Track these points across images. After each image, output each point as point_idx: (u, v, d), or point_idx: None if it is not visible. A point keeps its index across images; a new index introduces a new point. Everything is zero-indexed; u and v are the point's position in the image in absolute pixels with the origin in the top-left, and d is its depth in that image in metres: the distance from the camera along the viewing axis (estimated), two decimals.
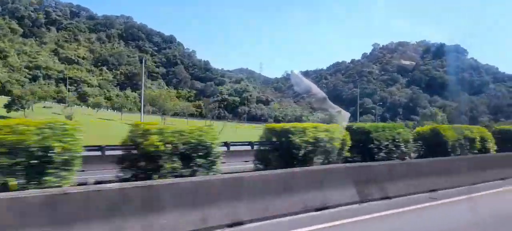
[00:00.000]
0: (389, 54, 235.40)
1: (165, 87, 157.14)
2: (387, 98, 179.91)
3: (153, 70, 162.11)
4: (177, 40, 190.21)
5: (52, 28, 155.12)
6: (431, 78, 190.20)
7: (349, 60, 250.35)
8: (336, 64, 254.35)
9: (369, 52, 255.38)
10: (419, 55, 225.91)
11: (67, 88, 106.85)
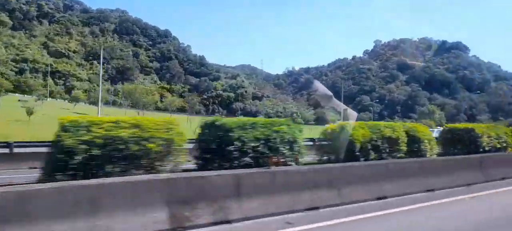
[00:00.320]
0: (390, 51, 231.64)
1: (158, 82, 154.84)
2: (385, 96, 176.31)
3: (147, 65, 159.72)
4: (173, 34, 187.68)
5: (44, 21, 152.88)
6: (431, 76, 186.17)
7: (350, 57, 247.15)
8: (337, 61, 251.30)
9: (370, 49, 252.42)
10: (420, 53, 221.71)
11: (47, 81, 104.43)
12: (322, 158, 9.40)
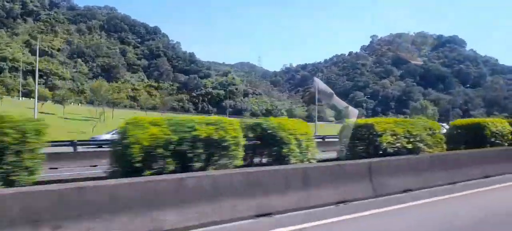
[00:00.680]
0: (386, 46, 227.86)
1: (145, 80, 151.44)
2: (379, 92, 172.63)
3: (134, 63, 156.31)
4: (163, 32, 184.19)
5: (29, 20, 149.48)
6: (427, 71, 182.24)
7: (347, 53, 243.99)
8: (335, 57, 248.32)
9: (367, 45, 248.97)
10: (416, 48, 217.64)
11: (20, 80, 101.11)
12: None
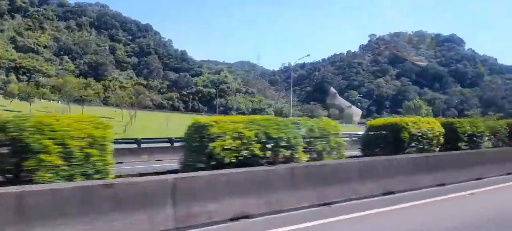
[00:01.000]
0: (384, 45, 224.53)
1: (134, 78, 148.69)
2: (374, 91, 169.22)
3: (124, 60, 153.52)
4: (155, 29, 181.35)
5: (17, 16, 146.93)
6: (423, 70, 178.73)
7: (345, 52, 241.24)
8: (333, 56, 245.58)
9: (365, 44, 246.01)
10: (413, 47, 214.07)
11: (3, 78, 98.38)
12: None
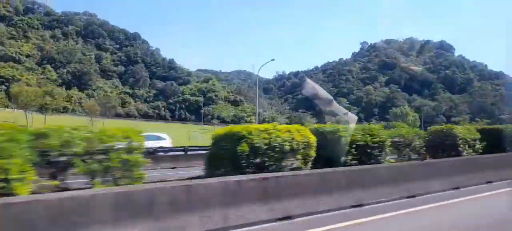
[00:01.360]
0: (375, 52, 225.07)
1: (120, 87, 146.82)
2: (363, 98, 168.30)
3: (109, 69, 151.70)
4: (143, 38, 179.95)
5: (0, 25, 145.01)
6: (412, 76, 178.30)
7: (337, 60, 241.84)
8: (326, 64, 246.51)
9: (357, 51, 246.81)
10: (402, 53, 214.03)
11: None
12: None
